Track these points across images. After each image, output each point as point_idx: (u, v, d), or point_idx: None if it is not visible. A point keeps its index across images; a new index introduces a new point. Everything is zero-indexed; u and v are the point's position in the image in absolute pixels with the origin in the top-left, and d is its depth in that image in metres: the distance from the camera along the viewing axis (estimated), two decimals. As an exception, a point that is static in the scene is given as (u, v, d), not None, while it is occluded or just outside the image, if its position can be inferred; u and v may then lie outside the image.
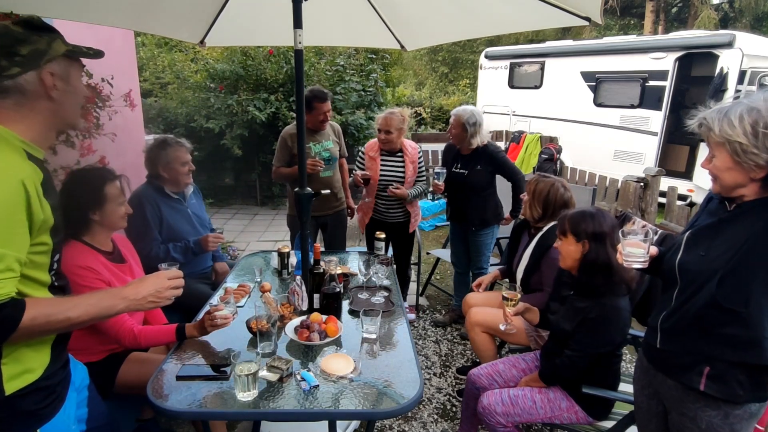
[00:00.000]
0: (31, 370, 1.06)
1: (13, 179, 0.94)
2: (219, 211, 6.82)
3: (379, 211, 3.17)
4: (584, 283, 1.79)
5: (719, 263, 1.23)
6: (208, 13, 2.43)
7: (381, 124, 2.97)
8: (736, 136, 1.13)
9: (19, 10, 1.96)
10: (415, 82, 18.73)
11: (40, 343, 1.09)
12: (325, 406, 1.41)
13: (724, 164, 1.20)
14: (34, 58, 1.03)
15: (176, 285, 1.27)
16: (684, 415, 1.34)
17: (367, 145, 3.17)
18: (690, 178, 6.51)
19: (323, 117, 3.04)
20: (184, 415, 1.47)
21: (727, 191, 1.25)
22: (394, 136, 2.96)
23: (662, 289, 1.46)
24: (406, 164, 3.04)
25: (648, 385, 1.49)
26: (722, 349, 1.25)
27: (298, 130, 1.94)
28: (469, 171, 3.05)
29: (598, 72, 7.37)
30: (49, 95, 1.06)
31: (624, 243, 1.38)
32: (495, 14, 2.20)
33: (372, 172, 3.03)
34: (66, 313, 1.03)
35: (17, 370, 1.03)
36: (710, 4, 15.05)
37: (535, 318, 2.01)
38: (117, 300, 1.15)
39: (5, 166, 0.95)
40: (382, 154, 3.07)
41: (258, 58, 6.70)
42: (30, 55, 1.02)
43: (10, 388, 1.01)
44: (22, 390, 1.04)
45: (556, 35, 14.65)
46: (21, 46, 1.01)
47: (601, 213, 1.79)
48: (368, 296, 2.20)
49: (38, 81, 1.04)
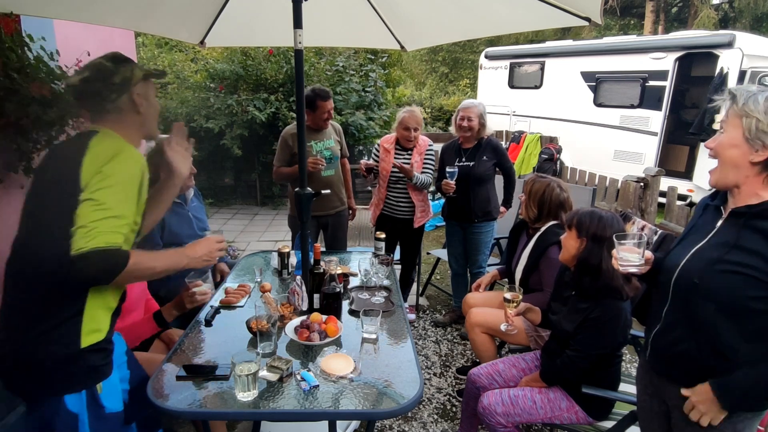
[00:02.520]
0: (99, 330, 1.28)
1: (139, 164, 1.27)
2: (219, 211, 6.81)
3: (388, 205, 3.22)
4: (577, 282, 1.80)
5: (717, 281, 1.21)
6: (208, 13, 2.43)
7: (408, 121, 3.05)
8: (757, 113, 1.15)
9: (19, 10, 1.96)
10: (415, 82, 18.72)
11: (107, 309, 1.30)
12: (325, 406, 1.41)
13: (731, 140, 1.20)
14: (124, 84, 1.32)
15: (223, 248, 1.54)
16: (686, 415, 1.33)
17: (383, 138, 3.28)
18: (690, 178, 6.51)
19: (327, 115, 3.05)
20: (184, 415, 1.47)
21: (723, 178, 1.24)
22: (419, 133, 3.09)
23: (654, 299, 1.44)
24: (414, 156, 3.11)
25: (650, 385, 1.48)
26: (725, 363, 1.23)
27: (298, 130, 1.94)
28: (476, 162, 3.08)
29: (598, 72, 7.37)
30: (138, 111, 1.36)
31: (619, 248, 1.36)
32: (495, 14, 2.20)
33: (384, 164, 3.12)
34: (151, 263, 1.27)
35: (91, 327, 1.25)
36: (710, 4, 15.05)
37: (537, 318, 2.01)
38: (182, 257, 1.40)
39: (135, 155, 1.28)
40: (396, 148, 3.16)
41: (258, 58, 6.71)
42: (121, 82, 1.31)
43: (84, 342, 1.24)
44: (91, 346, 1.25)
45: (556, 35, 14.64)
46: (113, 77, 1.30)
47: (612, 219, 1.77)
48: (368, 296, 2.20)
49: (130, 101, 1.33)
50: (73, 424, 1.23)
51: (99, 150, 1.22)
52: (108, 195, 1.16)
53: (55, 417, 1.22)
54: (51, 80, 2.16)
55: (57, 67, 2.23)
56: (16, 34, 2.11)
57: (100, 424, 1.29)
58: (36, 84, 2.02)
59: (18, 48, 2.09)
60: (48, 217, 1.20)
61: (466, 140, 3.12)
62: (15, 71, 2.02)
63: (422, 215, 3.19)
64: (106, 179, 1.17)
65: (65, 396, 1.23)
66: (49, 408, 1.23)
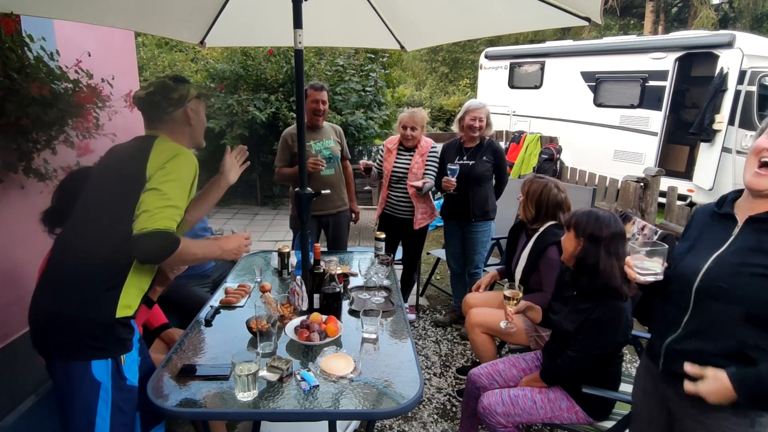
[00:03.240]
0: (130, 306, 1.41)
1: (194, 165, 1.45)
2: (219, 210, 6.81)
3: (390, 204, 3.24)
4: (577, 282, 1.80)
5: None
6: (208, 13, 2.43)
7: (407, 121, 3.08)
8: None
9: (19, 10, 1.96)
10: (415, 82, 18.73)
11: (139, 290, 1.44)
12: (325, 406, 1.41)
13: None
14: (181, 99, 1.53)
15: (249, 244, 1.70)
16: (700, 422, 1.29)
17: (388, 139, 3.31)
18: (690, 178, 6.50)
19: (315, 106, 3.04)
20: (184, 415, 1.47)
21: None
22: (418, 133, 3.10)
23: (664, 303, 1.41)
24: (415, 157, 3.11)
25: (654, 391, 1.44)
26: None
27: (298, 130, 1.95)
28: (476, 161, 3.09)
29: (598, 72, 7.37)
30: (190, 123, 1.57)
31: (635, 256, 1.34)
32: (495, 14, 2.20)
33: (387, 164, 3.16)
34: (194, 249, 1.45)
35: (126, 302, 1.39)
36: (710, 4, 15.05)
37: (538, 317, 2.01)
38: (216, 248, 1.57)
39: (191, 156, 1.46)
40: (399, 149, 3.18)
41: (258, 58, 6.70)
42: (179, 98, 1.53)
43: (119, 313, 1.37)
44: (122, 319, 1.38)
45: (556, 35, 14.64)
46: (173, 93, 1.52)
47: (610, 220, 1.76)
48: (368, 296, 2.20)
49: (184, 114, 1.54)
50: (95, 391, 1.34)
51: (162, 149, 1.42)
52: (170, 187, 1.34)
53: (80, 383, 1.33)
54: (51, 80, 2.16)
55: (57, 67, 2.22)
56: (16, 34, 2.10)
57: (121, 395, 1.39)
58: (36, 84, 2.02)
59: (18, 48, 2.08)
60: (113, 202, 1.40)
61: (471, 140, 3.14)
62: (15, 71, 2.02)
63: (423, 217, 3.19)
64: (170, 174, 1.36)
65: (92, 362, 1.34)
66: (75, 373, 1.33)
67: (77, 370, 1.33)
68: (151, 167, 1.36)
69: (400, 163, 3.15)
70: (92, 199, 1.48)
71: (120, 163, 1.49)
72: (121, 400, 1.39)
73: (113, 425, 1.37)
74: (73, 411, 1.35)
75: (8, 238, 2.28)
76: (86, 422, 1.34)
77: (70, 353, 1.35)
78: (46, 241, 1.76)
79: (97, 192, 1.48)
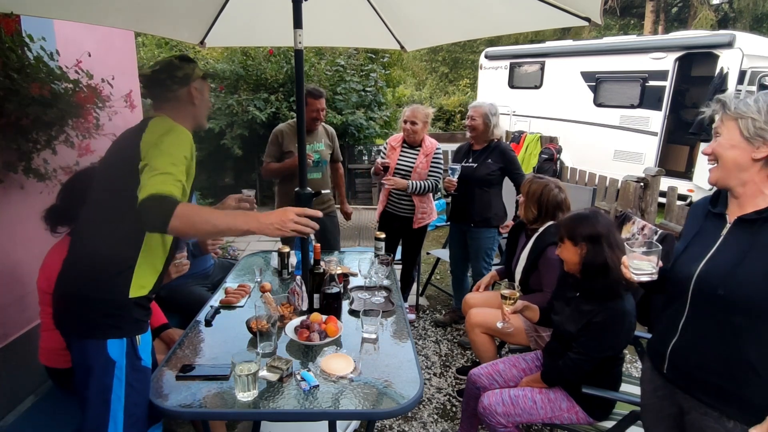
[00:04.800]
0: (145, 286, 1.43)
1: (188, 139, 1.44)
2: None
3: (391, 202, 3.24)
4: (588, 287, 1.78)
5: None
6: (208, 13, 2.43)
7: (408, 115, 3.09)
8: (750, 113, 1.18)
9: (19, 10, 1.96)
10: (415, 82, 18.73)
11: (153, 270, 1.46)
12: (325, 406, 1.41)
13: (729, 141, 1.23)
14: (185, 79, 1.54)
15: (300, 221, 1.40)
16: (708, 415, 1.28)
17: (391, 137, 3.31)
18: (690, 178, 6.51)
19: (315, 114, 3.07)
20: (183, 415, 1.47)
21: (725, 177, 1.24)
22: (419, 128, 3.08)
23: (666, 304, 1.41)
24: (419, 157, 3.10)
25: (661, 387, 1.44)
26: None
27: (298, 130, 1.95)
28: (478, 164, 3.07)
29: (598, 72, 7.37)
30: (193, 102, 1.56)
31: (630, 256, 1.35)
32: (495, 14, 2.20)
33: (390, 161, 3.15)
34: (208, 217, 1.33)
35: (140, 282, 1.41)
36: (710, 4, 15.05)
37: (535, 316, 2.01)
38: (250, 219, 1.38)
39: (184, 131, 1.45)
40: (402, 146, 3.18)
41: (258, 58, 6.70)
42: (183, 77, 1.53)
43: (132, 293, 1.40)
44: (136, 299, 1.41)
45: (556, 35, 14.64)
46: (178, 71, 1.53)
47: (595, 214, 1.78)
48: (368, 296, 2.20)
49: (187, 93, 1.54)
50: (110, 370, 1.37)
51: (155, 128, 1.43)
52: (161, 162, 1.32)
53: (96, 361, 1.36)
54: (51, 80, 2.16)
55: (57, 67, 2.22)
56: (16, 34, 2.10)
57: (136, 375, 1.42)
58: (36, 84, 2.02)
59: (18, 48, 2.08)
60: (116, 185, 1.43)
61: (475, 141, 3.13)
62: (15, 71, 2.02)
63: (422, 217, 3.19)
64: (160, 147, 1.36)
65: (108, 341, 1.36)
66: (91, 351, 1.37)
67: (93, 348, 1.37)
68: (144, 144, 1.38)
69: (404, 161, 3.14)
70: (99, 184, 1.52)
71: (120, 147, 1.52)
72: (135, 380, 1.41)
73: (127, 405, 1.39)
74: (89, 389, 1.37)
75: (8, 238, 2.28)
76: (102, 400, 1.36)
77: (87, 332, 1.38)
78: (46, 242, 1.76)
79: (103, 177, 1.52)
